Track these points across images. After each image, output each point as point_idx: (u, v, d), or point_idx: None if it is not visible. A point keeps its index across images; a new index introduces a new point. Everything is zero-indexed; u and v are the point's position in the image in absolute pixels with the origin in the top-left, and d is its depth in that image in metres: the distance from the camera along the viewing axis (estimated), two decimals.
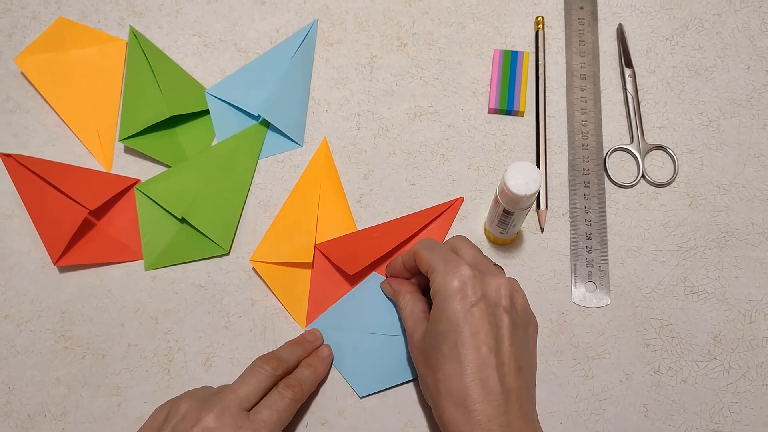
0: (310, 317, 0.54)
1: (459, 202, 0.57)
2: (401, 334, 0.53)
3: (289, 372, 0.50)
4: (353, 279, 0.55)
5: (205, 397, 0.46)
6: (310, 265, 0.55)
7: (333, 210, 0.57)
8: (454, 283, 0.44)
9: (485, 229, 0.56)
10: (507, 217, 0.49)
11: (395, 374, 0.52)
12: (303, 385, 0.48)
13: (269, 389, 0.47)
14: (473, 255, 0.47)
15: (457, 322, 0.43)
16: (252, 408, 0.46)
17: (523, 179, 0.46)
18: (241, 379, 0.47)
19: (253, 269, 0.55)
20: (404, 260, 0.51)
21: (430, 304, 0.47)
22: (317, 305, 0.54)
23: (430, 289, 0.46)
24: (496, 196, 0.49)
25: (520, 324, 0.45)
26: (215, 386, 0.50)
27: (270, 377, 0.47)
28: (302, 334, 0.53)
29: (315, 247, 0.55)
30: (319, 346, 0.52)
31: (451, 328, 0.43)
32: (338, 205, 0.57)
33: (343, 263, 0.54)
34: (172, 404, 0.47)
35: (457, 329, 0.43)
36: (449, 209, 0.57)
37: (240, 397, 0.45)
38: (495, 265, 0.48)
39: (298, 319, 0.54)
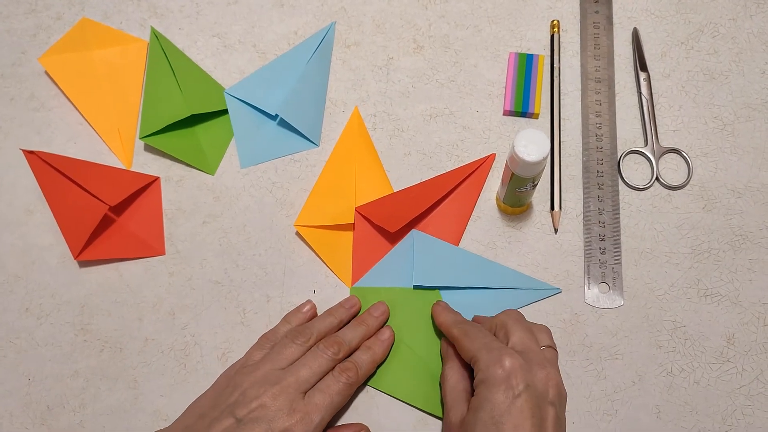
0: (355, 277, 0.56)
1: (491, 158, 0.59)
2: (445, 285, 0.54)
3: (352, 353, 0.50)
4: (394, 237, 0.56)
5: (265, 375, 0.47)
6: (351, 227, 0.57)
7: (369, 174, 0.59)
8: (498, 372, 0.42)
9: (497, 199, 0.57)
10: (517, 186, 0.50)
11: None
12: (359, 369, 0.49)
13: (329, 371, 0.48)
14: (522, 338, 0.45)
15: (500, 414, 0.41)
16: (309, 390, 0.47)
17: (532, 146, 0.46)
18: (303, 361, 0.48)
19: (297, 233, 0.57)
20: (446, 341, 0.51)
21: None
22: (361, 265, 0.56)
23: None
24: (507, 165, 0.49)
25: (563, 417, 0.43)
26: None
27: (331, 361, 0.48)
28: (369, 309, 0.53)
29: (355, 209, 0.57)
30: (383, 323, 0.53)
31: (492, 420, 0.41)
32: (374, 169, 0.59)
33: (384, 222, 0.56)
34: (234, 377, 0.48)
35: (499, 421, 0.41)
36: (482, 166, 0.58)
37: (299, 381, 0.46)
38: (548, 346, 0.46)
39: (343, 279, 0.56)
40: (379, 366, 0.52)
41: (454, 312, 0.52)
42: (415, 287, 0.55)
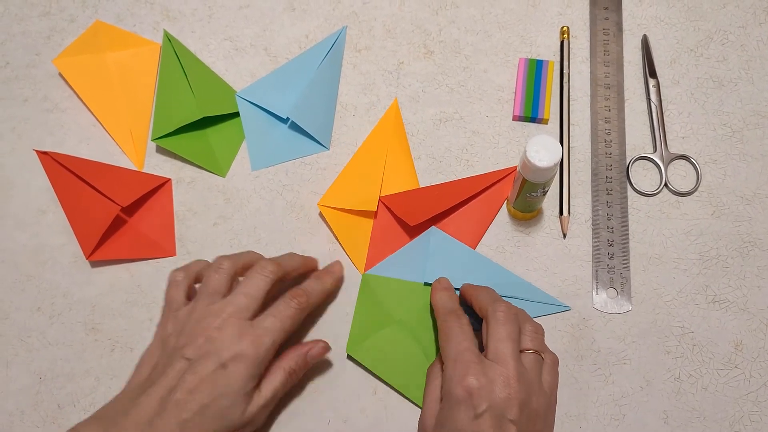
0: (369, 263, 0.56)
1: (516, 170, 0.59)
2: (456, 286, 0.54)
3: (290, 278, 0.52)
4: (413, 232, 0.57)
5: (204, 312, 0.47)
6: (373, 215, 0.58)
7: (398, 166, 0.59)
8: (459, 390, 0.42)
9: (507, 204, 0.57)
10: (528, 191, 0.51)
11: None
12: (309, 295, 0.50)
13: (270, 293, 0.49)
14: (498, 347, 0.44)
15: None
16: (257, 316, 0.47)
17: (544, 152, 0.47)
18: (238, 289, 0.48)
19: (320, 214, 0.58)
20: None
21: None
22: (377, 253, 0.57)
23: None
24: (518, 171, 0.50)
25: (531, 428, 0.43)
26: None
27: (268, 280, 0.48)
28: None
29: (379, 199, 0.57)
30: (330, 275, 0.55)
31: None
32: (404, 162, 0.59)
33: (405, 215, 0.56)
34: (176, 325, 0.48)
35: None
36: (508, 176, 0.58)
37: (241, 308, 0.47)
38: (533, 351, 0.45)
39: (357, 264, 0.57)
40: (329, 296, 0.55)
41: (450, 295, 0.52)
42: (426, 284, 0.55)
